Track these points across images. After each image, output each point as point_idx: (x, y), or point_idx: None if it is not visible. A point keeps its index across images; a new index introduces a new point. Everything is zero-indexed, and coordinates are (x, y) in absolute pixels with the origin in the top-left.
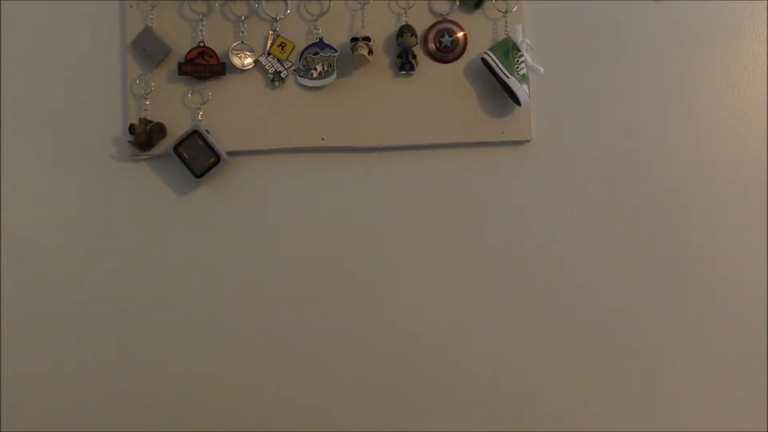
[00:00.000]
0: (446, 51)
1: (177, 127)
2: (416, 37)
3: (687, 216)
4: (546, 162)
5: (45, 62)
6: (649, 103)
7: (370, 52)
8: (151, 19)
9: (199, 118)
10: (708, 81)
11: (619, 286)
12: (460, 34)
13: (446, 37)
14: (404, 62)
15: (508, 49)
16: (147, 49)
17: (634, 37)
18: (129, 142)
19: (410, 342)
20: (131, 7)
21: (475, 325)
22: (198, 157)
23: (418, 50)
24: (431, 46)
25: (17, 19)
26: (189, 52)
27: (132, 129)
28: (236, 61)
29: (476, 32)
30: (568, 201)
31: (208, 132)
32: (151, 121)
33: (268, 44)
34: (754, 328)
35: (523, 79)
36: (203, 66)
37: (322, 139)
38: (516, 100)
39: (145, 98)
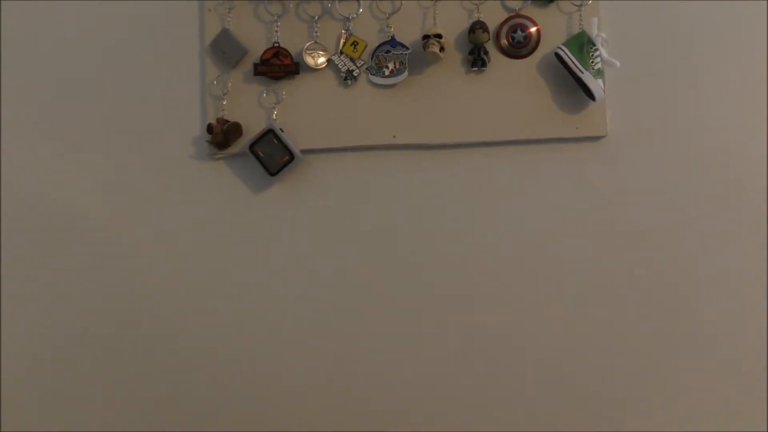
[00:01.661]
0: (519, 46)
1: (252, 127)
2: (488, 33)
3: (765, 214)
4: (621, 158)
5: (127, 64)
6: (726, 99)
7: (442, 49)
8: (228, 21)
9: (274, 117)
10: None
11: (693, 283)
12: (533, 29)
13: (519, 32)
14: (476, 58)
15: (582, 44)
16: (224, 50)
17: (712, 31)
18: (207, 141)
19: (496, 344)
20: (209, 9)
21: (557, 326)
22: (273, 156)
23: (490, 46)
24: (504, 41)
25: (100, 21)
26: (264, 53)
27: (210, 129)
28: (310, 60)
29: (550, 27)
30: (643, 197)
31: (282, 131)
32: (228, 121)
33: (341, 43)
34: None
35: (598, 73)
36: (278, 66)
37: (394, 137)
38: (591, 96)
39: (223, 98)
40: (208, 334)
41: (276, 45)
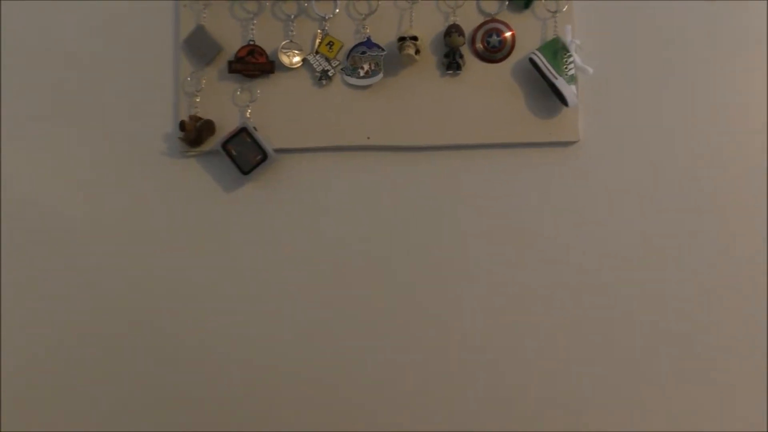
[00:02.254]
0: (494, 51)
1: (226, 125)
2: (464, 36)
3: (739, 221)
4: (593, 163)
5: (99, 59)
6: (697, 105)
7: (417, 51)
8: (204, 17)
9: (248, 115)
10: (761, 84)
11: (664, 287)
12: (508, 34)
13: (494, 36)
14: (451, 62)
15: (556, 50)
16: (199, 47)
17: (684, 38)
18: (179, 138)
19: (456, 342)
20: (185, 6)
21: (520, 326)
22: (246, 154)
23: (465, 50)
24: (479, 45)
25: (73, 16)
26: (239, 51)
27: (182, 126)
28: (285, 59)
29: (525, 32)
30: (614, 202)
31: (256, 129)
32: (201, 119)
33: (317, 43)
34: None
35: (572, 79)
36: (253, 64)
37: (368, 138)
38: (564, 101)
39: (196, 96)
40: (179, 332)
41: (251, 43)
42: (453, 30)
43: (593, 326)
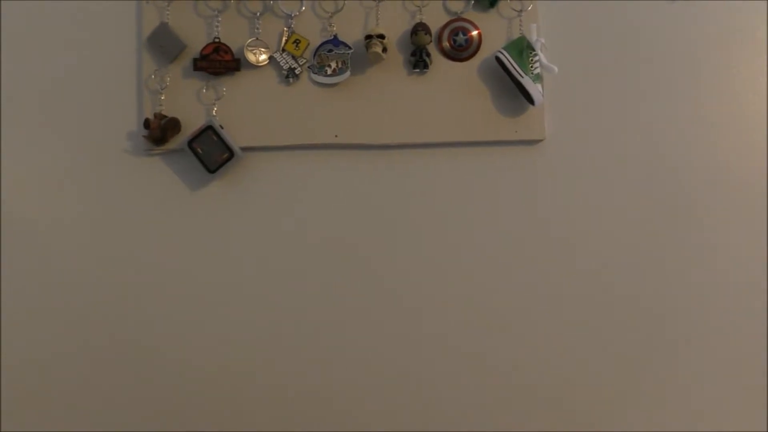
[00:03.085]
0: (460, 49)
1: (191, 123)
2: (430, 35)
3: (699, 216)
4: (558, 161)
5: (61, 57)
6: (661, 102)
7: (384, 49)
8: (167, 15)
9: (214, 113)
10: (722, 80)
11: (628, 285)
12: (474, 33)
13: (460, 35)
14: (418, 60)
15: (522, 48)
16: (162, 44)
17: (648, 36)
18: (144, 136)
19: (423, 339)
20: (147, 3)
21: (486, 322)
22: (212, 153)
23: (432, 48)
24: (445, 44)
25: (34, 14)
26: (204, 48)
27: (147, 124)
28: (251, 57)
29: (491, 31)
30: (580, 200)
31: (222, 127)
32: (165, 116)
33: (283, 41)
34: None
35: (537, 78)
36: (218, 62)
37: (336, 136)
38: (530, 100)
39: (160, 93)
40: (142, 330)
41: (216, 40)
42: (419, 28)
43: (558, 326)
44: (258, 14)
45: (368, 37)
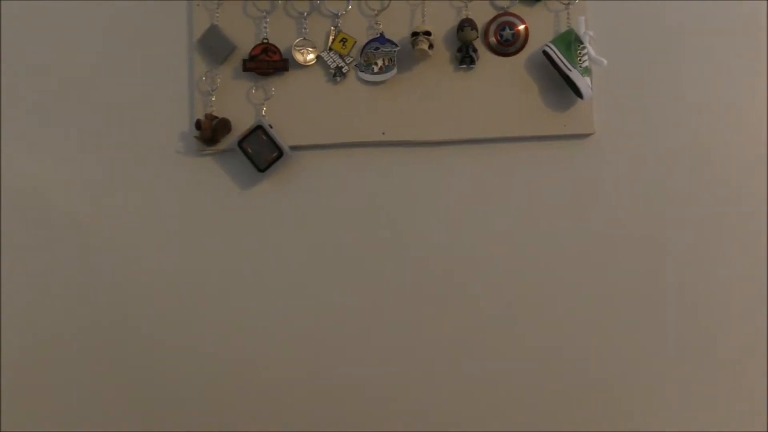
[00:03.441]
0: (507, 44)
1: (241, 123)
2: (477, 30)
3: (752, 212)
4: (608, 155)
5: (116, 60)
6: (713, 97)
7: (431, 46)
8: (217, 17)
9: (263, 113)
10: None
11: (680, 283)
12: (521, 27)
13: (507, 30)
14: (465, 56)
15: (570, 42)
16: (213, 46)
17: (698, 29)
18: (195, 137)
19: (486, 342)
20: (198, 5)
21: (532, 321)
22: (261, 152)
23: (478, 44)
24: (492, 39)
25: (90, 17)
26: (253, 49)
27: (198, 125)
28: (299, 57)
29: (538, 25)
30: (629, 194)
31: (271, 127)
32: (216, 117)
33: (330, 40)
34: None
35: (586, 71)
36: (267, 62)
37: (383, 134)
38: (578, 93)
39: (211, 94)
40: (197, 331)
41: (265, 41)
42: (465, 24)
43: (609, 321)
44: (305, 14)
45: (414, 34)
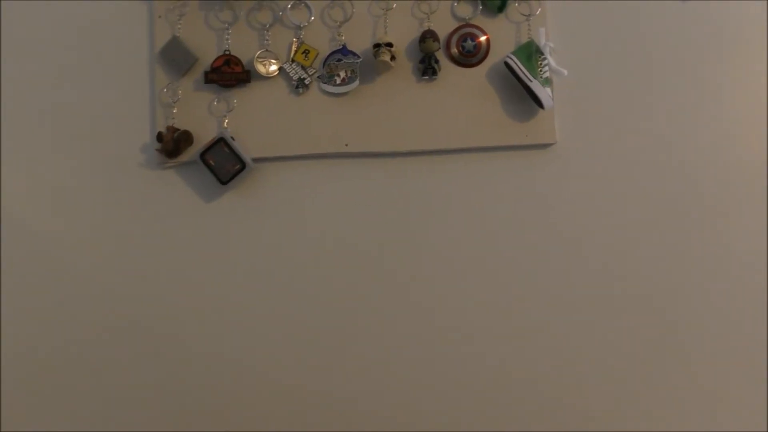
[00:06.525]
0: (469, 55)
1: (203, 135)
2: (439, 42)
3: (713, 218)
4: (570, 164)
5: (75, 71)
6: (673, 105)
7: (393, 57)
8: (179, 28)
9: (225, 125)
10: (737, 81)
11: (640, 287)
12: (482, 38)
13: (469, 41)
14: (427, 67)
15: (531, 53)
16: (174, 58)
17: (658, 38)
18: (157, 149)
19: (436, 343)
20: (159, 16)
21: (498, 326)
22: (224, 164)
23: (440, 55)
24: (454, 50)
25: (47, 27)
26: (215, 61)
27: (160, 137)
28: (261, 68)
29: (499, 36)
30: (592, 204)
31: (233, 139)
32: (178, 129)
33: (292, 51)
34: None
35: (546, 82)
36: (229, 74)
37: (346, 145)
38: (539, 104)
39: (173, 106)
40: (156, 341)
41: (227, 53)
42: (428, 35)
43: (571, 328)
44: (267, 25)
45: (376, 45)
